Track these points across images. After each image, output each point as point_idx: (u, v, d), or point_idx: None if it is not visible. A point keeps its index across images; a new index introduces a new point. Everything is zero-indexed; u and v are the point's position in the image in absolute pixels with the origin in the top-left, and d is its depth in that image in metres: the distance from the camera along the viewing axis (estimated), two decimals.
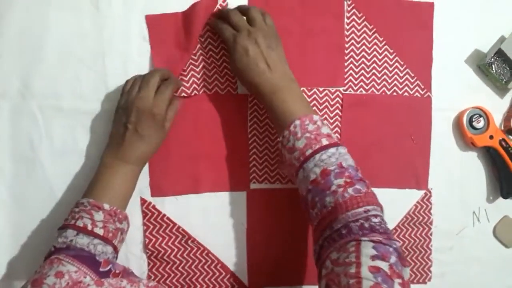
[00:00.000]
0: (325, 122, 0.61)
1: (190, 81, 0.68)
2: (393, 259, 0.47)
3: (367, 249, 0.47)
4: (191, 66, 0.68)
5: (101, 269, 0.52)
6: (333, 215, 0.52)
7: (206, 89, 0.69)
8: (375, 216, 0.51)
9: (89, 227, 0.55)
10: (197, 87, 0.68)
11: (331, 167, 0.54)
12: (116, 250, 0.59)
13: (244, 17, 0.64)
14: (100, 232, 0.56)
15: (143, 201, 0.68)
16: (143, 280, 0.53)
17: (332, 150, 0.56)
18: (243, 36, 0.61)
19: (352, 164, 0.56)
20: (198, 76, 0.68)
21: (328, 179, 0.54)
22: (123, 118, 0.61)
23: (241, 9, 0.66)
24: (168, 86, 0.63)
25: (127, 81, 0.64)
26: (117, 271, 0.53)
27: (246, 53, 0.60)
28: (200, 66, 0.68)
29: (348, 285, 0.44)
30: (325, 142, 0.56)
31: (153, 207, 0.68)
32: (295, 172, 0.58)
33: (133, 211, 0.68)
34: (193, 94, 0.68)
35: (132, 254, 0.68)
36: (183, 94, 0.68)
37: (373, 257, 0.46)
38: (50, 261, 0.51)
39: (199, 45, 0.68)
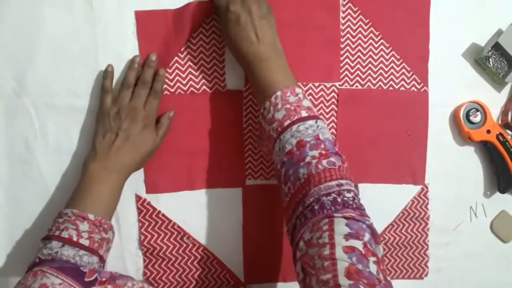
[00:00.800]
0: (307, 95, 0.60)
1: (175, 80, 0.68)
2: (366, 236, 0.47)
3: (341, 227, 0.47)
4: (176, 64, 0.68)
5: (86, 279, 0.51)
6: (305, 188, 0.51)
7: (194, 89, 0.68)
8: (348, 191, 0.51)
9: (75, 238, 0.55)
10: (182, 86, 0.68)
11: (307, 139, 0.54)
12: (102, 260, 0.58)
13: None
14: (86, 242, 0.55)
15: (138, 198, 0.68)
16: (128, 283, 0.52)
17: (311, 122, 0.55)
18: (236, 3, 0.60)
19: (329, 138, 0.56)
20: (184, 76, 0.68)
21: (303, 150, 0.53)
22: (114, 126, 0.62)
23: None
24: (156, 96, 0.65)
25: (105, 87, 0.64)
26: (103, 279, 0.52)
27: (237, 21, 0.60)
28: (186, 66, 0.68)
29: (323, 267, 0.44)
30: (304, 114, 0.56)
31: (148, 203, 0.68)
32: (272, 144, 0.57)
33: (128, 208, 0.68)
34: (176, 93, 0.68)
35: (128, 251, 0.68)
36: (166, 92, 0.68)
37: (347, 236, 0.46)
38: (33, 273, 0.50)
39: (187, 45, 0.68)
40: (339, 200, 0.49)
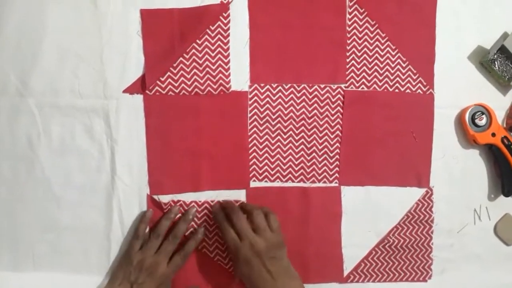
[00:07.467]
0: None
1: (179, 81, 0.67)
2: None
3: None
4: (181, 65, 0.67)
5: None
6: None
7: (198, 90, 0.68)
8: None
9: None
10: (186, 87, 0.68)
11: None
12: None
13: (247, 222, 0.63)
14: None
15: (149, 197, 0.68)
16: None
17: None
18: (245, 248, 0.61)
19: None
20: (188, 77, 0.68)
21: None
22: (132, 275, 0.62)
23: (245, 209, 0.66)
24: (183, 258, 0.65)
25: (137, 233, 0.65)
26: None
27: (248, 265, 0.61)
28: (191, 66, 0.68)
29: None
30: None
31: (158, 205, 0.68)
32: None
33: (132, 209, 0.68)
34: (181, 94, 0.68)
35: None
36: (170, 93, 0.67)
37: None
38: None
39: (192, 45, 0.68)
40: None
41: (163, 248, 0.64)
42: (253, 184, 0.70)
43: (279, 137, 0.71)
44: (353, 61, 0.72)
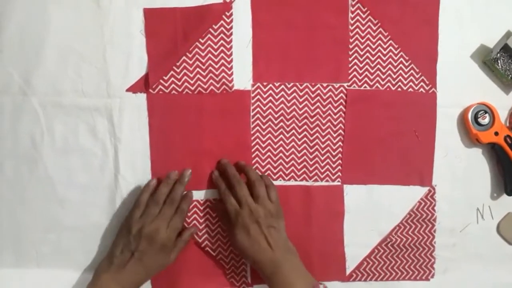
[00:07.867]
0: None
1: (182, 80, 0.68)
2: None
3: None
4: (184, 64, 0.68)
5: None
6: None
7: (201, 89, 0.68)
8: None
9: None
10: (189, 86, 0.68)
11: None
12: None
13: (247, 191, 0.65)
14: None
15: None
16: None
17: None
18: (245, 214, 0.62)
19: None
20: (191, 75, 0.68)
21: None
22: (132, 244, 0.61)
23: (248, 177, 0.66)
24: (181, 216, 0.65)
25: (139, 202, 0.64)
26: None
27: (247, 232, 0.62)
28: (194, 65, 0.68)
29: None
30: None
31: None
32: None
33: None
34: (184, 93, 0.68)
35: None
36: (173, 92, 0.67)
37: None
38: None
39: (195, 44, 0.68)
40: None
41: (162, 213, 0.63)
42: None
43: (281, 135, 0.71)
44: (355, 60, 0.72)
